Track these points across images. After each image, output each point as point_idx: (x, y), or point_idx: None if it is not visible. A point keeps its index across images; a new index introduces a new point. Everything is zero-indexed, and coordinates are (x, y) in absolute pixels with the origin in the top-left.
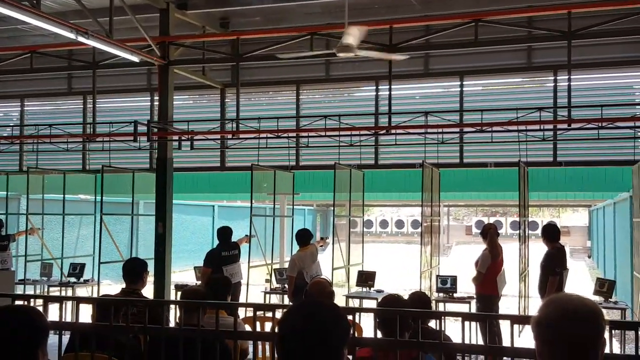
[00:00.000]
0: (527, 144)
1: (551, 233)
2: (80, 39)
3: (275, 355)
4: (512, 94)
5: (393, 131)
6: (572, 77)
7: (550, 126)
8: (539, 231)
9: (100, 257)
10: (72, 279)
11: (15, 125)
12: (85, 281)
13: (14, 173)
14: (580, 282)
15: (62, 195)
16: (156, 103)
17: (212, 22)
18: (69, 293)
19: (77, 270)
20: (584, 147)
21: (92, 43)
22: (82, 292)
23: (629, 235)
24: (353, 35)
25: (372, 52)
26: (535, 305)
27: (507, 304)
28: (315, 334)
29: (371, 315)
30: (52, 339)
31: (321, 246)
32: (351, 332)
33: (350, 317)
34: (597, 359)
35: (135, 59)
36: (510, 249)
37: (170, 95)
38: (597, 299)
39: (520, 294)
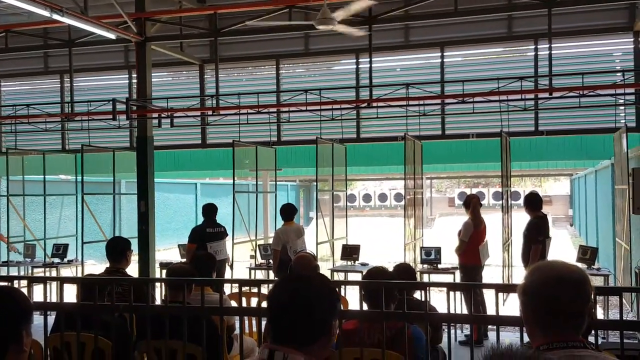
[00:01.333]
0: (508, 114)
1: (533, 202)
2: (55, 16)
3: (262, 330)
4: (493, 64)
5: (374, 104)
6: (552, 45)
7: (532, 95)
8: (521, 201)
9: (83, 237)
10: (56, 260)
11: None
12: (69, 261)
13: None
14: (562, 250)
15: (43, 176)
16: (134, 81)
17: None
18: (53, 274)
19: (60, 250)
20: (565, 116)
21: (67, 20)
22: (66, 272)
23: (610, 203)
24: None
25: (351, 29)
26: (518, 274)
27: (491, 274)
28: (300, 309)
29: (356, 288)
30: (37, 319)
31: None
32: (335, 309)
33: None
34: (584, 325)
35: (111, 36)
36: (493, 219)
37: (148, 73)
38: (580, 266)
39: (503, 263)
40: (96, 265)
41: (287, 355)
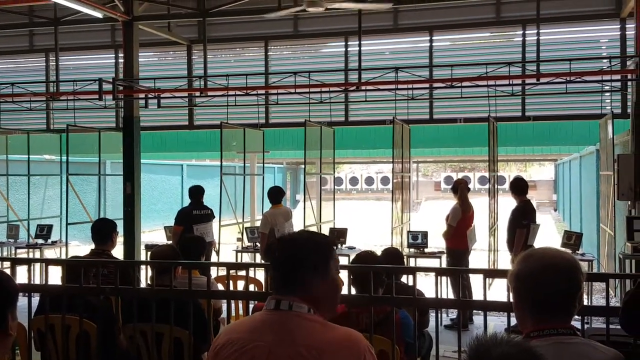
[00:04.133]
0: (496, 99)
1: (519, 187)
2: None
3: (250, 313)
4: (481, 49)
5: (363, 87)
6: (540, 31)
7: (519, 81)
8: (506, 185)
9: (67, 218)
10: (40, 241)
11: None
12: (53, 242)
13: None
14: (547, 235)
15: (27, 156)
16: (121, 60)
17: None
18: (37, 255)
19: (44, 231)
20: (552, 102)
21: None
22: (50, 253)
23: (595, 188)
24: None
25: (343, 4)
26: (504, 258)
27: (477, 258)
28: (292, 258)
29: (345, 272)
30: (22, 301)
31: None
32: (332, 253)
33: None
34: (574, 312)
35: (98, 14)
36: (479, 204)
37: (135, 52)
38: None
39: (489, 248)
40: (80, 247)
41: (292, 302)
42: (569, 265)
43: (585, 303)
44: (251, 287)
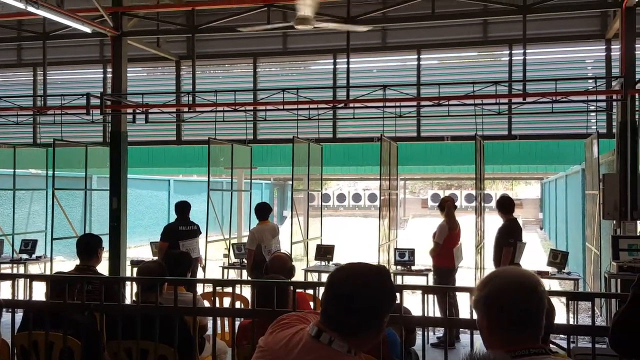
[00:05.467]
0: (483, 118)
1: (506, 205)
2: (30, 8)
3: (235, 331)
4: (468, 68)
5: (351, 105)
6: (527, 51)
7: (506, 100)
8: (492, 203)
9: (52, 233)
10: (24, 256)
11: None
12: (38, 258)
13: None
14: (532, 253)
15: (13, 170)
16: (109, 75)
17: None
18: (21, 270)
19: (29, 246)
20: (538, 121)
21: (42, 13)
22: (34, 269)
23: (580, 207)
24: (309, 5)
25: (330, 24)
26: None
27: (464, 276)
28: (356, 300)
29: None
30: (5, 317)
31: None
32: (395, 303)
33: (310, 292)
34: (542, 331)
35: (87, 29)
36: (465, 221)
37: (124, 68)
38: (550, 270)
39: (476, 266)
40: (65, 262)
41: (333, 338)
42: (530, 284)
43: (571, 322)
44: (237, 304)
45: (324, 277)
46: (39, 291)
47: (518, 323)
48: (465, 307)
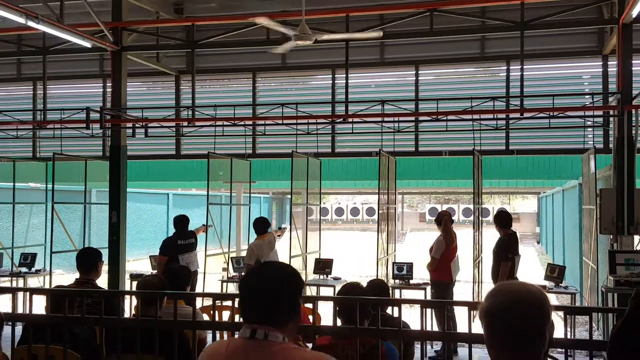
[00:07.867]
0: (480, 133)
1: (504, 220)
2: (31, 23)
3: None
4: (466, 84)
5: (350, 120)
6: (524, 67)
7: (503, 115)
8: (490, 218)
9: (52, 247)
10: (24, 269)
11: None
12: (37, 271)
13: None
14: (530, 267)
15: (12, 184)
16: (109, 90)
17: (166, 7)
18: (20, 284)
19: (28, 260)
20: (535, 136)
21: (42, 28)
22: (34, 282)
23: (577, 222)
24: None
25: (332, 35)
26: (488, 290)
27: (461, 290)
28: (273, 292)
29: (330, 303)
30: (5, 330)
31: (279, 236)
32: (302, 286)
33: (309, 306)
34: (546, 345)
35: (87, 44)
36: (463, 235)
37: (124, 82)
38: (548, 284)
39: (474, 280)
40: (64, 275)
41: (267, 332)
42: (536, 299)
43: (568, 336)
44: (237, 318)
45: (323, 291)
46: (39, 305)
47: (520, 337)
48: (463, 321)
